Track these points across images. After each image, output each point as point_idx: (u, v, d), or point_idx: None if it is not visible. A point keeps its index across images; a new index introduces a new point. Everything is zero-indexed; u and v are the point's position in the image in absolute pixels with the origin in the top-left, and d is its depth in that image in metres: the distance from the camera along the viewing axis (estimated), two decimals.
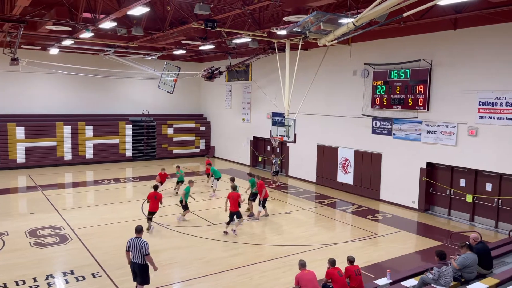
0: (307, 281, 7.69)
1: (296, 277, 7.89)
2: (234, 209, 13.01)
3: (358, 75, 18.27)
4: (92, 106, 26.93)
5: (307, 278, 7.74)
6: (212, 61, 27.72)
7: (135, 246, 8.20)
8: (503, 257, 9.70)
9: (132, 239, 8.35)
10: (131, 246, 8.25)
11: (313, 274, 7.87)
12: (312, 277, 7.81)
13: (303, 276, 7.80)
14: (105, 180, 21.08)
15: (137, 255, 8.20)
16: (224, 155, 28.54)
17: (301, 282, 7.72)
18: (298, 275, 7.85)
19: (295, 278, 7.89)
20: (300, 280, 7.76)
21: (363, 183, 18.42)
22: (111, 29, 15.89)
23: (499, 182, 14.02)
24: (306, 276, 7.77)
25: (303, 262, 8.12)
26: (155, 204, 13.03)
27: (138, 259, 8.21)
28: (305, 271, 7.92)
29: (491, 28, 13.65)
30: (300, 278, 7.78)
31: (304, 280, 7.72)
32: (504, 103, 13.41)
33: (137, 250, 8.18)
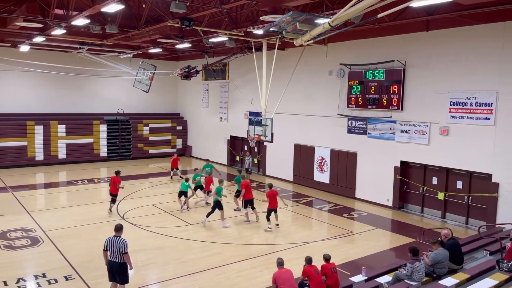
0: (284, 280, 7.72)
1: (273, 275, 7.91)
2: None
3: (334, 75, 18.49)
4: (65, 105, 26.28)
5: (284, 277, 7.76)
6: (189, 59, 27.50)
7: (113, 245, 8.06)
8: (473, 252, 10.00)
9: (111, 237, 8.20)
10: (110, 245, 8.10)
11: (290, 273, 7.91)
12: (289, 276, 7.84)
13: (280, 274, 7.82)
14: (78, 181, 20.63)
15: (115, 254, 8.06)
16: (201, 154, 28.36)
17: (278, 280, 7.74)
18: (276, 274, 7.87)
19: (272, 276, 7.91)
20: (278, 278, 7.77)
21: (339, 181, 18.66)
22: (84, 26, 15.56)
23: (469, 180, 14.44)
24: (283, 275, 7.80)
25: (281, 261, 8.13)
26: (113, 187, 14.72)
27: (117, 258, 8.07)
28: (282, 269, 7.94)
29: (461, 30, 14.04)
30: (278, 276, 7.80)
31: (281, 278, 7.74)
32: (474, 103, 13.83)
33: (115, 249, 8.04)
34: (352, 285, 8.43)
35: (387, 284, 8.28)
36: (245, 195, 14.09)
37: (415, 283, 7.97)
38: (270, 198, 13.50)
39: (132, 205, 16.07)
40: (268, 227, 13.51)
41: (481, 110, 13.64)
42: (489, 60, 13.40)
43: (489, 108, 13.46)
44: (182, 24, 13.94)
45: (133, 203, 16.38)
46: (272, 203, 13.51)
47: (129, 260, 8.20)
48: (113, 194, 14.86)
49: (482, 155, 13.70)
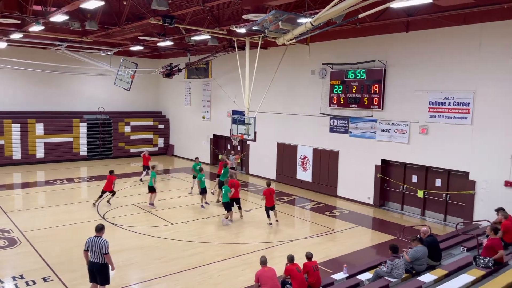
0: (267, 279, 7.73)
1: (256, 274, 7.91)
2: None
3: (316, 75, 18.61)
4: (43, 103, 25.73)
5: (267, 276, 7.78)
6: (171, 57, 27.26)
7: (94, 245, 7.97)
8: (451, 249, 10.22)
9: (92, 238, 8.10)
10: (91, 245, 8.01)
11: (273, 272, 7.93)
12: (272, 275, 7.86)
13: (263, 273, 7.83)
14: (57, 180, 20.23)
15: (96, 254, 7.97)
16: (184, 153, 28.18)
17: (261, 279, 7.75)
18: (259, 272, 7.88)
19: (255, 275, 7.91)
20: (261, 277, 7.78)
21: (321, 180, 18.81)
22: (63, 22, 15.26)
23: (448, 178, 14.75)
24: (266, 274, 7.81)
25: (264, 259, 8.13)
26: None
27: (98, 259, 7.98)
28: (265, 268, 7.95)
29: (440, 31, 14.31)
30: (261, 275, 7.81)
31: (264, 277, 7.75)
32: (452, 103, 14.12)
33: (96, 249, 7.95)
34: (333, 282, 8.52)
35: (367, 281, 8.40)
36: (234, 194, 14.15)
37: (395, 280, 8.10)
38: (267, 196, 13.64)
39: (113, 205, 15.85)
40: (269, 223, 13.79)
41: (459, 110, 13.94)
42: (467, 61, 13.70)
43: (466, 107, 13.76)
44: (164, 21, 13.81)
45: (114, 203, 16.15)
46: (269, 201, 13.65)
47: (110, 260, 8.09)
48: (105, 191, 15.64)
49: (460, 154, 14.01)
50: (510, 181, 12.83)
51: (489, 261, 8.19)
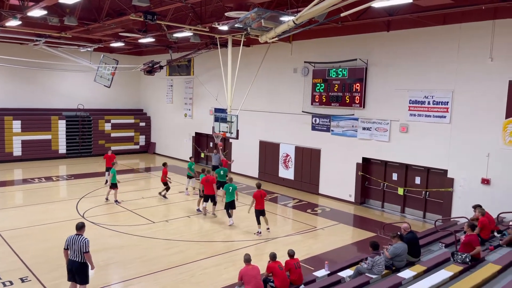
0: (250, 277, 7.70)
1: (240, 272, 7.89)
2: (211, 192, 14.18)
3: (298, 73, 18.67)
4: (21, 99, 25.10)
5: (251, 274, 7.74)
6: (152, 54, 26.95)
7: (74, 243, 7.83)
8: (430, 245, 10.40)
9: (72, 236, 7.96)
10: (70, 243, 7.87)
11: (257, 270, 7.91)
12: (256, 273, 7.83)
13: (247, 271, 7.80)
14: (35, 179, 19.79)
15: (76, 253, 7.83)
16: (165, 151, 27.94)
17: (245, 278, 7.72)
18: (242, 270, 7.85)
19: (239, 273, 7.88)
20: (244, 275, 7.76)
21: (303, 178, 18.91)
22: (41, 17, 14.91)
23: (427, 176, 15.02)
24: (250, 272, 7.78)
25: (248, 257, 8.08)
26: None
27: (77, 257, 7.84)
28: (249, 266, 7.93)
29: (420, 31, 14.54)
30: (245, 273, 7.78)
31: (248, 276, 7.72)
32: (431, 102, 14.37)
33: (76, 247, 7.81)
34: (315, 279, 8.56)
35: (348, 277, 8.47)
36: (206, 190, 14.14)
37: (375, 276, 8.20)
38: (257, 199, 12.69)
39: (93, 204, 15.60)
40: (258, 232, 12.80)
41: (438, 109, 14.20)
42: (446, 60, 13.96)
43: (445, 106, 14.03)
44: (145, 18, 13.63)
45: (94, 201, 15.91)
46: (259, 204, 12.73)
47: (90, 259, 7.96)
48: (163, 183, 16.61)
49: (439, 152, 14.27)
50: (487, 178, 13.14)
51: (466, 257, 8.37)
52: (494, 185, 13.04)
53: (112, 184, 15.66)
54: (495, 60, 12.87)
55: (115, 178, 15.67)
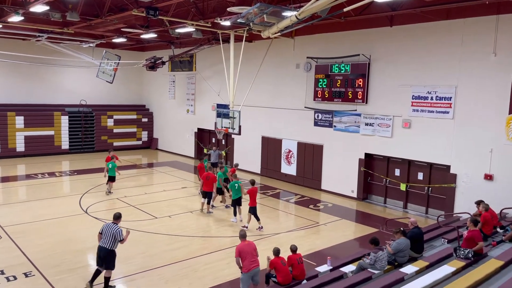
0: (246, 253, 8.00)
1: (237, 248, 8.11)
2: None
3: (301, 68, 18.62)
4: (23, 95, 25.15)
5: (246, 250, 8.04)
6: (155, 50, 26.92)
7: (108, 230, 8.45)
8: (432, 241, 10.40)
9: (108, 223, 8.65)
10: (105, 229, 8.52)
11: (253, 246, 8.21)
12: (252, 249, 8.14)
13: (243, 247, 8.08)
14: (38, 174, 19.86)
15: (107, 239, 8.41)
16: (168, 147, 27.98)
17: (242, 254, 8.00)
18: (239, 246, 8.10)
19: (236, 249, 8.10)
20: (241, 251, 8.02)
21: (306, 173, 18.91)
22: (43, 13, 14.90)
23: (429, 171, 14.99)
24: (246, 248, 8.07)
25: (243, 233, 8.41)
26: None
27: (107, 244, 8.42)
28: (245, 242, 8.19)
29: (423, 26, 14.46)
30: (241, 249, 8.04)
31: (244, 252, 8.01)
32: (434, 97, 14.32)
33: (109, 234, 8.41)
34: (317, 275, 8.59)
35: (351, 273, 8.49)
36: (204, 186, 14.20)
37: (378, 271, 8.21)
38: (252, 195, 12.78)
39: (96, 199, 15.66)
40: (259, 227, 12.89)
41: (441, 104, 14.15)
42: (449, 56, 13.89)
43: (448, 102, 13.97)
44: (148, 13, 13.60)
45: (97, 197, 15.97)
46: (253, 200, 12.80)
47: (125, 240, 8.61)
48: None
49: (441, 147, 14.24)
50: (490, 174, 13.11)
51: (469, 253, 8.37)
52: (497, 180, 13.01)
53: (111, 177, 16.29)
54: (499, 56, 12.80)
55: (114, 171, 16.29)
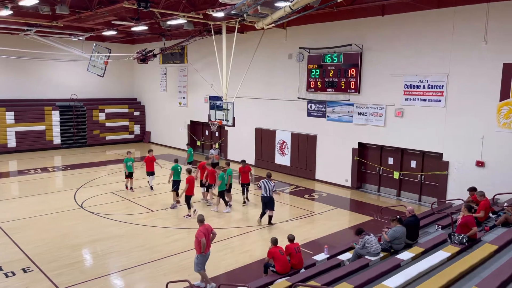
0: (207, 237, 8.51)
1: (200, 232, 8.44)
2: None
3: (293, 59, 18.61)
4: (13, 90, 24.84)
5: (207, 234, 8.54)
6: (146, 42, 26.67)
7: (266, 185, 12.25)
8: (427, 227, 10.57)
9: (264, 180, 12.42)
10: (263, 185, 12.28)
11: (209, 228, 8.73)
12: (209, 231, 8.66)
13: (205, 231, 8.54)
14: (31, 170, 19.72)
15: (266, 191, 12.24)
16: (161, 140, 27.89)
17: (203, 235, 8.45)
18: (201, 229, 8.53)
19: (199, 233, 8.42)
20: (205, 234, 8.50)
21: (300, 164, 19.00)
22: (32, 6, 14.69)
23: (422, 159, 15.17)
24: (204, 231, 8.52)
25: (201, 218, 8.82)
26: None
27: (267, 194, 12.24)
28: (205, 225, 8.70)
29: (415, 14, 14.52)
30: (205, 232, 8.52)
31: (203, 233, 8.45)
32: (426, 86, 14.44)
33: (267, 188, 12.23)
34: (315, 263, 8.71)
35: (348, 261, 8.62)
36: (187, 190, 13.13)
37: (374, 258, 8.34)
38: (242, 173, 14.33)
39: (91, 193, 15.61)
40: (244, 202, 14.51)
41: (433, 93, 14.28)
42: (441, 44, 13.98)
43: (440, 90, 14.11)
44: (139, 5, 13.47)
45: (92, 191, 15.92)
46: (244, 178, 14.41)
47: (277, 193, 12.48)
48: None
49: (434, 135, 14.40)
50: (481, 161, 13.31)
51: (463, 238, 8.53)
52: (488, 167, 13.22)
53: (130, 173, 15.98)
54: (489, 43, 12.92)
55: (131, 167, 15.93)
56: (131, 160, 15.97)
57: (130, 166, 15.87)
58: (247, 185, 14.74)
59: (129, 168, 15.87)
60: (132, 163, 15.95)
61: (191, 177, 13.15)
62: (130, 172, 15.93)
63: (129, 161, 15.88)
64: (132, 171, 15.97)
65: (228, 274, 9.46)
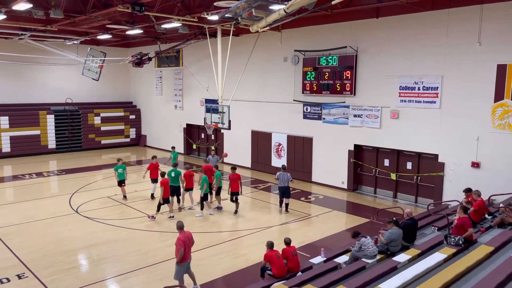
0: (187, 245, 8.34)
1: (179, 239, 8.23)
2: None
3: (289, 62, 18.63)
4: (7, 95, 24.69)
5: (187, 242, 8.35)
6: (140, 46, 26.64)
7: (284, 176, 13.58)
8: (423, 229, 10.56)
9: (281, 172, 13.76)
10: (281, 176, 13.62)
11: (190, 235, 8.56)
12: (190, 238, 8.49)
13: (185, 238, 8.34)
14: (26, 175, 19.59)
15: (284, 181, 13.58)
16: (157, 144, 27.80)
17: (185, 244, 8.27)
18: (181, 237, 8.30)
19: (179, 240, 8.21)
20: (184, 242, 8.27)
21: (296, 166, 18.99)
22: (26, 11, 14.61)
23: (418, 161, 15.20)
24: (186, 239, 8.35)
25: (181, 225, 8.59)
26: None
27: (285, 184, 13.62)
28: (185, 232, 8.49)
29: (409, 17, 14.57)
30: (184, 240, 8.28)
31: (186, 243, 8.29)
32: (421, 87, 14.48)
33: (285, 179, 13.56)
34: (312, 266, 8.68)
35: (344, 264, 8.60)
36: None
37: (371, 261, 8.33)
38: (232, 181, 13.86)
39: (86, 198, 15.52)
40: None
41: (428, 94, 14.32)
42: (435, 46, 14.04)
43: (435, 92, 14.15)
44: (133, 9, 13.45)
45: (87, 196, 15.83)
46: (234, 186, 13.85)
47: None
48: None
49: (429, 137, 14.43)
50: (477, 162, 13.35)
51: (459, 239, 8.53)
52: (483, 168, 13.25)
53: (121, 181, 15.20)
54: (483, 45, 12.98)
55: (123, 174, 15.13)
56: (122, 167, 15.10)
57: (121, 173, 15.07)
58: (235, 194, 13.83)
59: (120, 176, 15.07)
60: (123, 170, 15.12)
61: (166, 179, 13.15)
62: (122, 180, 15.14)
63: (120, 168, 15.05)
64: (123, 179, 15.17)
65: (224, 278, 9.42)
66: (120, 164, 15.18)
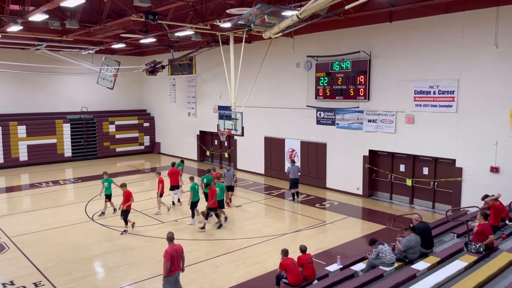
0: (174, 258, 7.99)
1: (166, 252, 7.94)
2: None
3: (301, 67, 18.58)
4: (24, 104, 25.15)
5: (174, 255, 8.01)
6: (154, 54, 26.92)
7: (294, 169, 15.42)
8: (442, 236, 10.35)
9: (290, 165, 15.75)
10: (291, 170, 15.37)
11: (180, 248, 8.24)
12: (179, 252, 8.17)
13: (171, 252, 8.01)
14: (42, 183, 19.85)
15: (295, 173, 15.49)
16: (171, 151, 27.95)
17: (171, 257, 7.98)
18: (168, 250, 7.99)
19: (166, 253, 7.92)
20: (171, 255, 7.97)
21: (310, 172, 18.86)
22: (42, 22, 14.89)
23: (435, 166, 14.94)
24: (174, 252, 8.03)
25: (171, 235, 8.30)
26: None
27: (296, 176, 15.60)
28: (174, 246, 8.14)
29: (423, 20, 14.41)
30: (171, 253, 7.99)
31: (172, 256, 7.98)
32: (437, 91, 14.27)
33: (295, 171, 15.46)
34: (328, 274, 8.55)
35: (361, 272, 8.45)
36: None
37: (389, 269, 8.17)
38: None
39: (101, 206, 15.60)
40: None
41: (444, 98, 14.10)
42: (450, 49, 13.84)
43: (451, 95, 13.92)
44: (147, 18, 13.58)
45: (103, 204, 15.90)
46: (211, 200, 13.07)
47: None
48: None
49: (446, 141, 14.18)
50: (496, 166, 13.06)
51: (480, 247, 8.32)
52: (503, 173, 12.96)
53: (108, 196, 14.55)
54: (500, 47, 12.75)
55: (109, 189, 14.53)
56: (109, 181, 14.53)
57: (107, 187, 14.47)
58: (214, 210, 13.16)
59: (107, 190, 14.46)
60: (109, 184, 14.49)
61: (128, 191, 12.83)
62: (108, 194, 14.47)
63: (106, 182, 14.48)
64: (110, 193, 14.50)
65: (240, 287, 9.33)
66: (106, 177, 14.64)
